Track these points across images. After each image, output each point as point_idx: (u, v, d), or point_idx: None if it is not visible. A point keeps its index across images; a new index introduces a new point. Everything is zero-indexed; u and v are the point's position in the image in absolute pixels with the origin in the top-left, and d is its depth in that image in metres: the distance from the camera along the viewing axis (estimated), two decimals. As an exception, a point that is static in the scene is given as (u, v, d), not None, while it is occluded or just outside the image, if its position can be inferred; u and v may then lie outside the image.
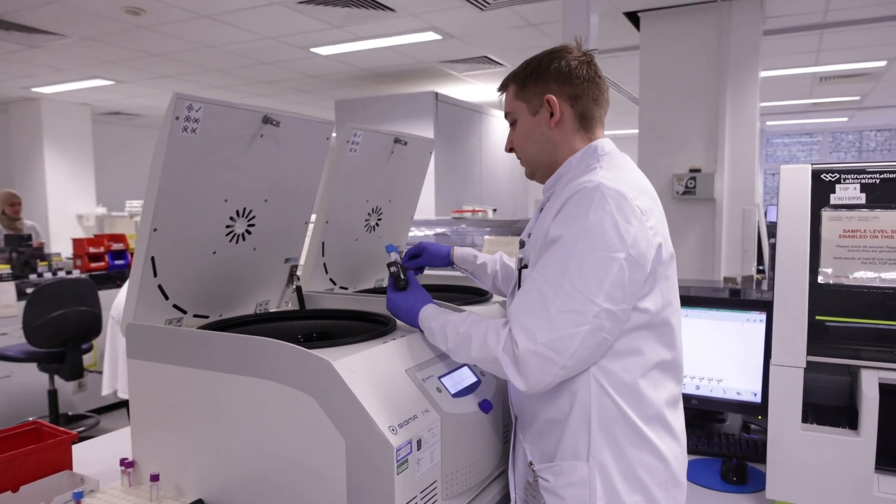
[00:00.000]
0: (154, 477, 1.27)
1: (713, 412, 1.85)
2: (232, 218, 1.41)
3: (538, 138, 1.29)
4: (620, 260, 1.10)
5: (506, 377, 1.15)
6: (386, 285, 1.43)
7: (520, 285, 1.27)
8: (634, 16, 4.77)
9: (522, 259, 1.29)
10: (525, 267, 1.26)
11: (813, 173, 1.40)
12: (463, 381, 1.29)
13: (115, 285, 4.82)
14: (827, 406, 1.51)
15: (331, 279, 1.86)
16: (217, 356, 1.20)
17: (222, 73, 6.58)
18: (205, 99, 1.22)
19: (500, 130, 7.28)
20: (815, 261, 1.37)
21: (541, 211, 1.30)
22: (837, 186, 1.38)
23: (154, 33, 5.14)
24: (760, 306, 1.73)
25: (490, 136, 7.14)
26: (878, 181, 1.35)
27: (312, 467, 1.10)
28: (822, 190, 1.39)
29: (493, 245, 2.91)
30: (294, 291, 1.66)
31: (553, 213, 1.17)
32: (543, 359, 1.09)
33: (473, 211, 5.39)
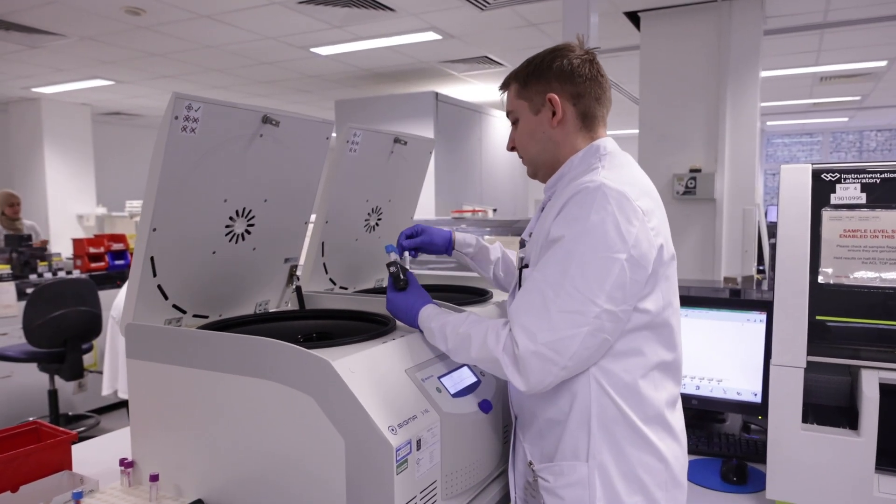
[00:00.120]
0: (154, 477, 1.27)
1: (713, 412, 1.85)
2: (231, 218, 1.41)
3: (540, 137, 1.28)
4: (622, 261, 1.09)
5: (506, 377, 1.14)
6: (386, 285, 1.43)
7: (520, 285, 1.26)
8: (635, 15, 4.77)
9: (523, 259, 1.29)
10: (526, 266, 1.26)
11: (813, 173, 1.40)
12: (463, 381, 1.29)
13: (116, 285, 4.83)
14: (827, 406, 1.51)
15: (330, 279, 1.86)
16: (217, 356, 1.20)
17: (222, 73, 6.58)
18: (204, 99, 1.22)
19: (501, 130, 7.28)
20: (816, 261, 1.37)
21: (542, 210, 1.30)
22: (838, 186, 1.38)
23: (154, 33, 5.14)
24: (760, 306, 1.73)
25: (490, 136, 7.13)
26: (879, 181, 1.35)
27: (312, 467, 1.10)
28: (823, 190, 1.38)
29: (493, 245, 2.90)
30: (294, 291, 1.66)
31: (554, 213, 1.17)
32: (544, 359, 1.09)
33: (473, 211, 5.38)
